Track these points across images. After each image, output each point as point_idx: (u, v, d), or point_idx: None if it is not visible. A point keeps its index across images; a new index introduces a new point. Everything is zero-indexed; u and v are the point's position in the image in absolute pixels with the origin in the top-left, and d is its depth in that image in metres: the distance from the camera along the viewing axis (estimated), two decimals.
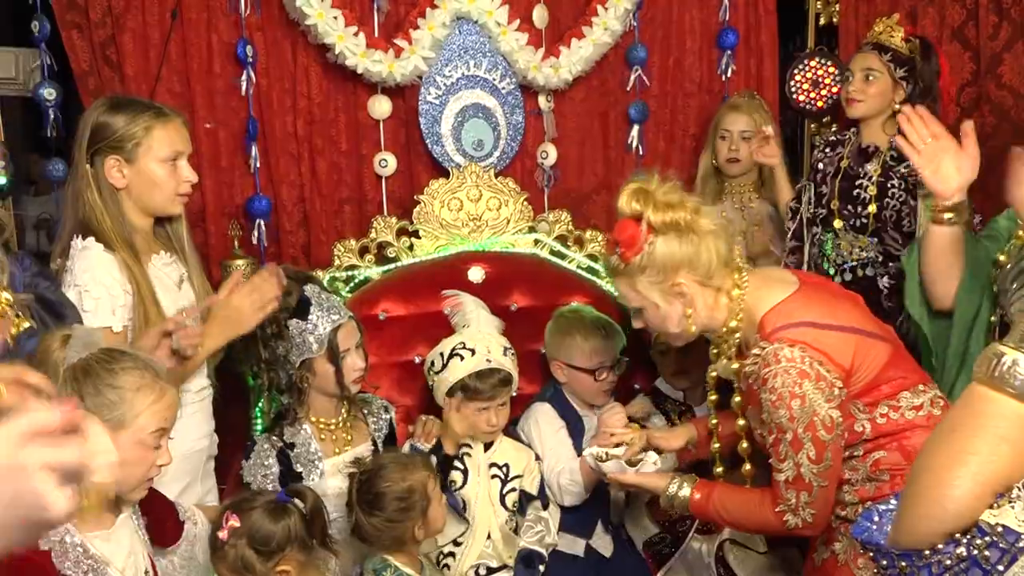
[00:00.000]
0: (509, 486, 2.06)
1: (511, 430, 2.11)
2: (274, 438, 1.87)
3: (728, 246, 1.59)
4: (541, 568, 1.99)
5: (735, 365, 1.62)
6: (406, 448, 2.00)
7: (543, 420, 2.10)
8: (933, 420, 1.52)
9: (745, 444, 1.69)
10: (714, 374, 1.68)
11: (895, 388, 1.55)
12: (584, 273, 2.47)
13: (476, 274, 2.37)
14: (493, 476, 2.05)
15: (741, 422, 1.69)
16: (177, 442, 1.46)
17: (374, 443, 1.98)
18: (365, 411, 2.02)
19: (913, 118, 1.68)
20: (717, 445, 1.77)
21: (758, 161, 2.47)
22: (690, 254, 1.56)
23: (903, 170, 2.17)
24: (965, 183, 1.68)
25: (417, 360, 2.30)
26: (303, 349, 1.82)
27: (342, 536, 1.76)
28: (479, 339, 1.98)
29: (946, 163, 1.67)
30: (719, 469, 1.75)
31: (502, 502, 2.04)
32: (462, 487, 2.01)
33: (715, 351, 1.65)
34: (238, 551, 1.45)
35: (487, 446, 2.04)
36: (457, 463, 2.01)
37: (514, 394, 2.03)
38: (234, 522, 1.47)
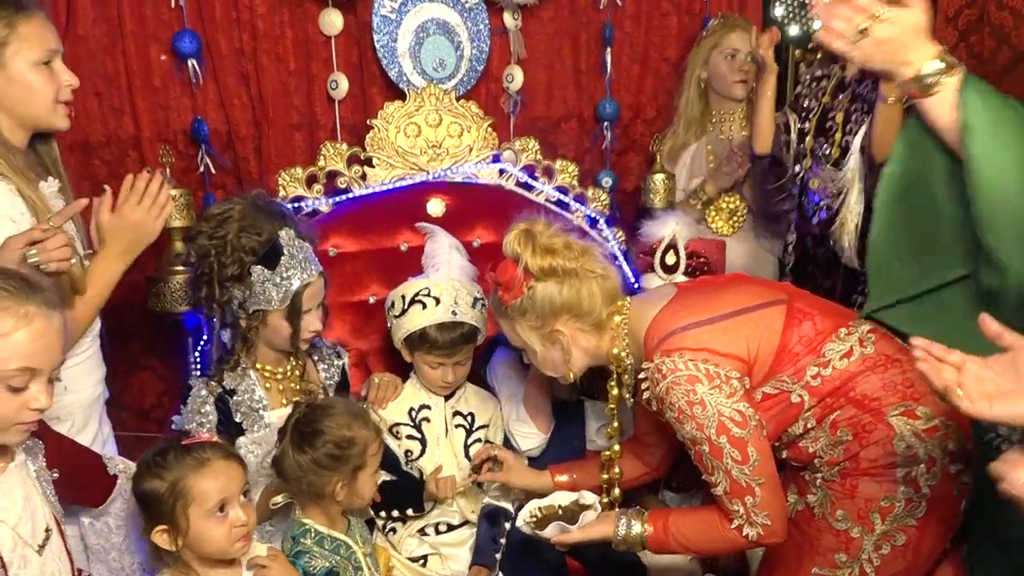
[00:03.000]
0: (474, 436, 1.97)
1: (478, 374, 2.03)
2: (212, 383, 1.73)
3: (616, 282, 1.57)
4: (507, 525, 1.90)
5: (632, 396, 1.61)
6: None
7: (501, 367, 2.00)
8: (870, 360, 1.47)
9: (616, 470, 1.74)
10: (612, 406, 1.67)
11: (813, 344, 1.49)
12: (553, 207, 2.34)
13: (435, 207, 2.24)
14: (457, 426, 1.96)
15: (616, 447, 1.73)
16: (70, 391, 1.37)
17: (325, 393, 1.88)
18: (315, 357, 1.90)
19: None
20: (615, 472, 1.75)
21: (759, 87, 2.29)
22: (571, 300, 1.54)
23: (861, 90, 2.02)
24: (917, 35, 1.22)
25: (372, 300, 2.20)
26: (261, 300, 1.69)
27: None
28: (447, 287, 1.87)
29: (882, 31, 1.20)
30: (616, 493, 1.75)
31: (466, 454, 1.95)
32: (419, 457, 1.92)
33: (614, 382, 1.63)
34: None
35: (450, 395, 1.96)
36: (413, 431, 1.92)
37: (479, 342, 1.93)
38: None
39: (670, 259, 2.01)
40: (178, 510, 1.36)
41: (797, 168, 2.18)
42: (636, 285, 2.19)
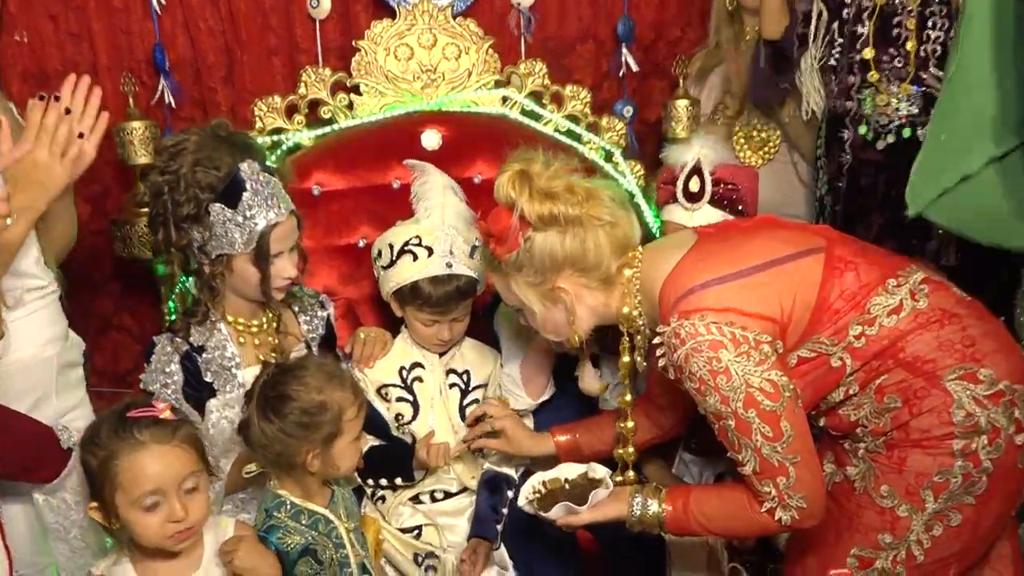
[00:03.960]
0: (471, 397, 1.90)
1: (481, 324, 1.97)
2: (178, 339, 1.65)
3: (628, 230, 1.51)
4: (509, 494, 1.85)
5: (646, 360, 1.57)
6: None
7: (506, 316, 1.90)
8: (923, 316, 1.40)
9: (631, 449, 1.70)
10: (624, 373, 1.62)
11: (856, 299, 1.42)
12: (563, 138, 2.22)
13: (431, 139, 2.12)
14: (452, 385, 1.90)
15: (630, 422, 1.68)
16: (13, 349, 1.28)
17: (308, 348, 1.81)
18: (296, 308, 1.83)
19: None
20: (630, 450, 1.71)
21: None
22: (575, 252, 1.48)
23: None
24: None
25: (361, 244, 2.10)
26: (223, 243, 1.61)
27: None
28: (441, 235, 1.79)
29: None
30: (629, 474, 1.71)
31: (462, 416, 1.89)
32: (411, 421, 1.86)
33: (625, 344, 1.58)
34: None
35: (445, 351, 1.89)
36: (404, 393, 1.86)
37: (479, 293, 1.86)
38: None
39: (694, 185, 1.88)
40: (107, 492, 1.28)
41: (851, 79, 2.02)
42: (656, 226, 2.11)
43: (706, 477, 2.02)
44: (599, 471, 1.61)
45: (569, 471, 1.63)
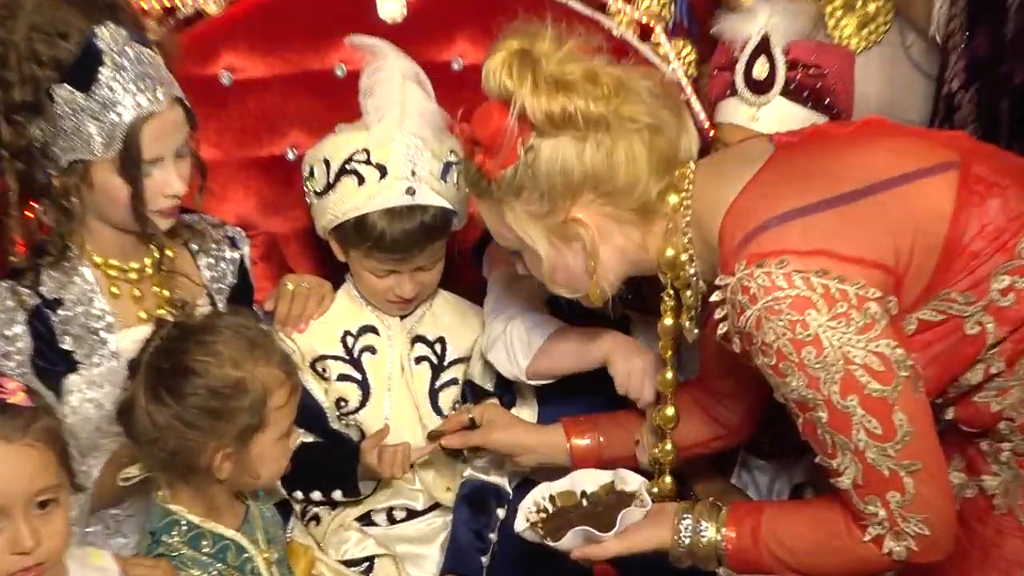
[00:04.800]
0: (446, 376, 1.95)
1: (461, 271, 2.03)
2: (22, 289, 1.67)
3: (674, 138, 1.53)
4: (500, 513, 1.92)
5: (699, 327, 1.63)
6: None
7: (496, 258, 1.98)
8: None
9: (668, 447, 1.75)
10: (665, 343, 1.69)
11: (1002, 238, 1.43)
12: (582, 7, 2.19)
13: (390, 7, 2.10)
14: (419, 359, 1.94)
15: (670, 410, 1.73)
16: None
17: (211, 300, 1.84)
18: (194, 246, 1.86)
19: None
20: (667, 448, 1.77)
21: None
22: (598, 168, 1.49)
23: None
24: None
25: (291, 156, 2.14)
26: (75, 143, 1.62)
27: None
28: (398, 148, 1.82)
29: None
30: (666, 480, 1.78)
31: (434, 402, 1.94)
32: (358, 409, 1.91)
33: (668, 302, 1.63)
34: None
35: (408, 312, 1.95)
36: (349, 369, 1.90)
37: (456, 229, 1.93)
38: None
39: (759, 70, 1.88)
40: None
41: None
42: (708, 126, 2.09)
43: (779, 490, 2.06)
44: (631, 481, 1.63)
45: (588, 481, 1.65)
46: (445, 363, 1.94)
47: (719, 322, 1.47)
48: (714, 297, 1.47)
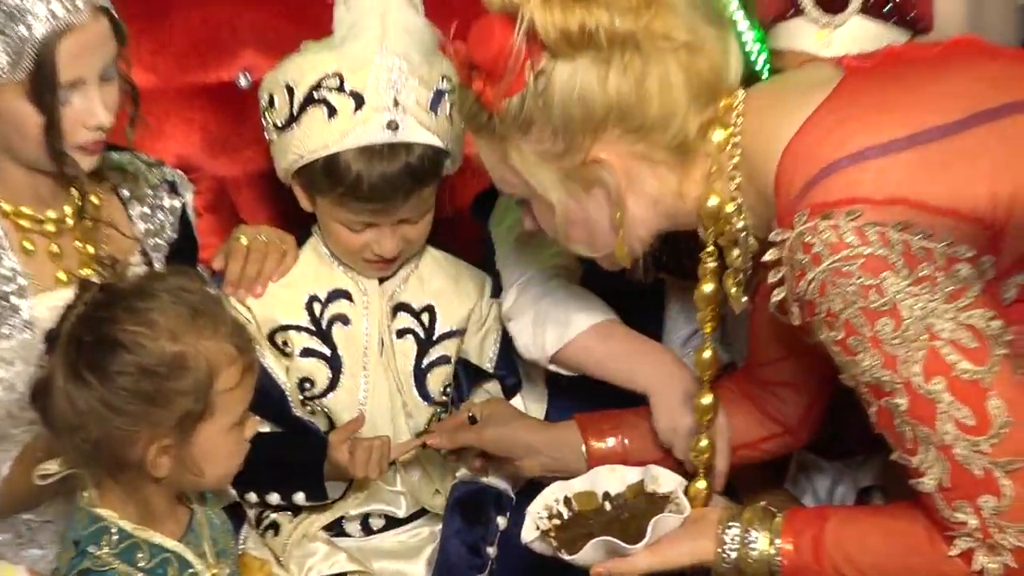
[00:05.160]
0: (436, 352, 1.97)
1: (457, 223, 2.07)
2: None
3: (718, 61, 1.52)
4: (502, 522, 1.93)
5: (748, 295, 1.65)
6: None
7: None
8: None
9: (703, 442, 1.77)
10: (706, 314, 1.69)
11: None
12: None
13: None
14: (402, 332, 1.96)
15: (707, 398, 1.75)
16: None
17: (146, 258, 1.85)
18: (125, 191, 1.87)
19: None
20: (701, 444, 1.78)
21: None
22: (625, 97, 1.49)
23: None
24: None
25: (243, 82, 2.15)
26: None
27: None
28: (379, 69, 1.83)
29: None
30: (701, 484, 1.79)
31: (420, 384, 1.96)
32: (326, 392, 1.92)
33: (709, 263, 1.63)
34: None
35: (386, 277, 1.97)
36: (316, 343, 1.92)
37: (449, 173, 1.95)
38: None
39: None
40: None
41: None
42: (763, 58, 2.08)
43: (842, 494, 2.08)
44: (664, 481, 1.64)
45: (612, 480, 1.67)
46: (434, 337, 1.95)
47: (774, 288, 1.46)
48: (768, 256, 1.46)
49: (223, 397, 1.50)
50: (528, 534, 1.59)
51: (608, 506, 1.64)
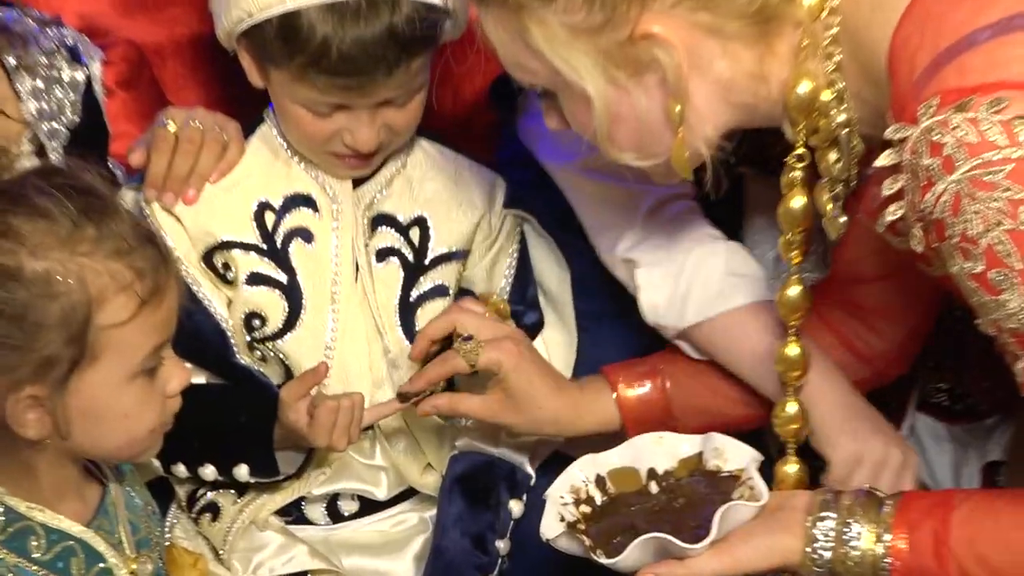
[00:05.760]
0: (429, 281, 1.99)
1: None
2: None
3: None
4: (515, 508, 1.95)
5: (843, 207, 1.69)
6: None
7: None
8: None
9: (791, 407, 1.80)
10: (795, 236, 1.70)
11: None
12: None
13: None
14: (384, 253, 1.98)
15: (793, 349, 1.77)
16: None
17: (39, 147, 1.90)
18: (11, 59, 1.92)
19: None
20: (788, 410, 1.80)
21: None
22: None
23: None
24: None
25: None
26: None
27: None
28: None
29: None
30: (791, 468, 1.81)
31: (407, 324, 1.98)
32: (282, 332, 1.94)
33: (798, 169, 1.64)
34: None
35: (365, 177, 1.99)
36: (266, 266, 1.93)
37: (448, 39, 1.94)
38: None
39: None
40: None
41: None
42: None
43: (968, 474, 2.14)
44: (732, 454, 1.65)
45: (658, 453, 1.68)
46: (426, 260, 1.97)
47: (888, 203, 1.44)
48: (880, 161, 1.44)
49: (109, 336, 1.47)
50: (550, 527, 1.59)
51: (655, 488, 1.64)
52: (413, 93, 1.88)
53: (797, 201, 1.63)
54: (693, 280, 1.92)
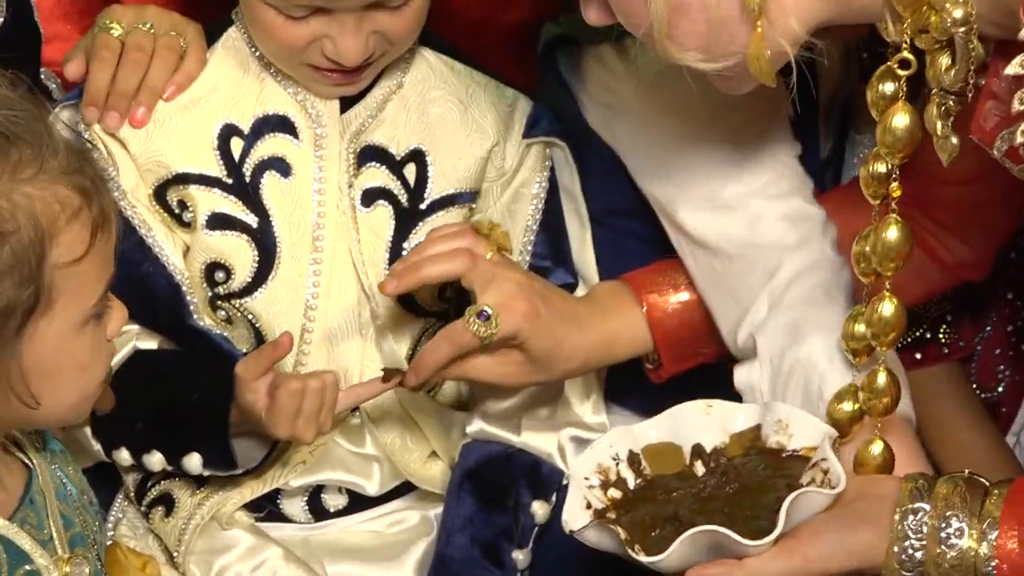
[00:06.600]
0: (428, 227, 2.02)
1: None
2: None
3: None
4: (538, 511, 1.99)
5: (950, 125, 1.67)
6: None
7: None
8: None
9: (882, 378, 1.79)
10: (898, 160, 1.72)
11: None
12: None
13: None
14: (372, 195, 2.01)
15: (888, 307, 1.76)
16: None
17: None
18: None
19: None
20: (879, 381, 1.82)
21: None
22: None
23: None
24: None
25: None
26: None
27: None
28: None
29: None
30: (876, 447, 1.82)
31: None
32: (252, 287, 1.98)
33: (899, 78, 1.66)
34: None
35: (355, 97, 2.01)
36: (232, 205, 1.95)
37: None
38: None
39: None
40: None
41: None
42: None
43: None
44: (800, 427, 1.68)
45: (704, 425, 1.71)
46: (423, 204, 1.99)
47: (1013, 121, 1.45)
48: (1012, 68, 1.47)
49: (64, 275, 1.49)
50: (574, 517, 1.60)
51: (701, 469, 1.66)
52: None
53: (900, 119, 1.64)
54: (818, 370, 1.92)
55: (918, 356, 2.45)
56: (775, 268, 2.01)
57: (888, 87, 1.65)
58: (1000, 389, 2.38)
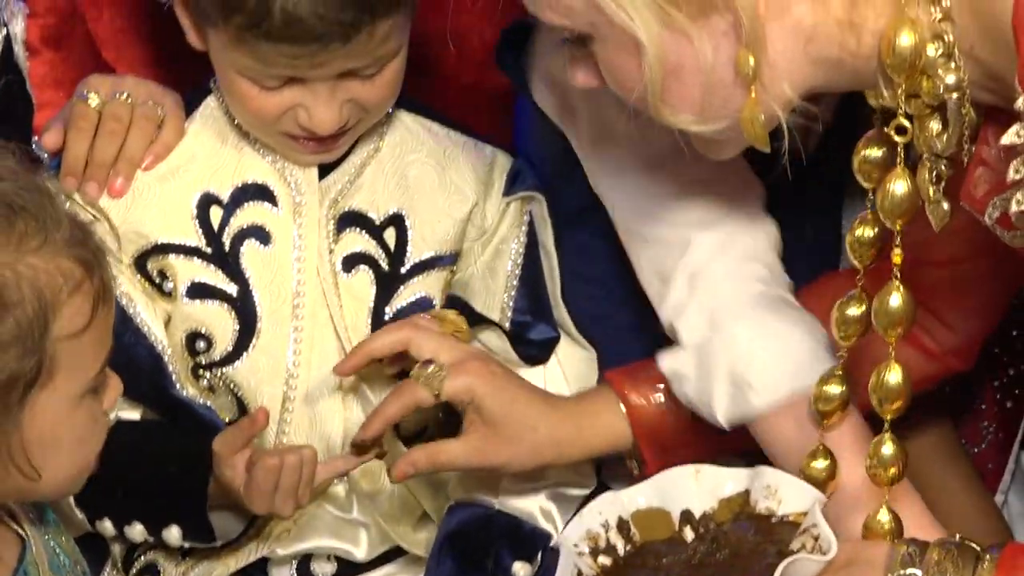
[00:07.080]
0: (409, 293, 2.03)
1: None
2: None
3: None
4: (520, 572, 1.98)
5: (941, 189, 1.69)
6: None
7: None
8: None
9: (888, 448, 1.79)
10: (867, 233, 1.74)
11: None
12: None
13: None
14: (353, 260, 2.01)
15: (894, 375, 1.76)
16: None
17: None
18: None
19: None
20: (886, 449, 1.80)
21: None
22: None
23: None
24: None
25: None
26: None
27: None
28: None
29: None
30: (884, 517, 1.80)
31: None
32: (232, 357, 1.98)
33: (897, 145, 1.65)
34: None
35: (332, 164, 2.01)
36: (211, 275, 1.96)
37: None
38: None
39: None
40: None
41: None
42: None
43: None
44: (790, 492, 1.69)
45: (693, 491, 1.73)
46: (404, 268, 1.99)
47: (1009, 188, 1.45)
48: (1007, 138, 1.44)
49: (67, 348, 1.48)
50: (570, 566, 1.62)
51: (690, 535, 1.67)
52: (384, 61, 1.89)
53: (900, 185, 1.64)
54: (754, 358, 1.92)
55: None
56: (686, 245, 2.01)
57: (875, 153, 1.66)
58: (983, 445, 2.38)
